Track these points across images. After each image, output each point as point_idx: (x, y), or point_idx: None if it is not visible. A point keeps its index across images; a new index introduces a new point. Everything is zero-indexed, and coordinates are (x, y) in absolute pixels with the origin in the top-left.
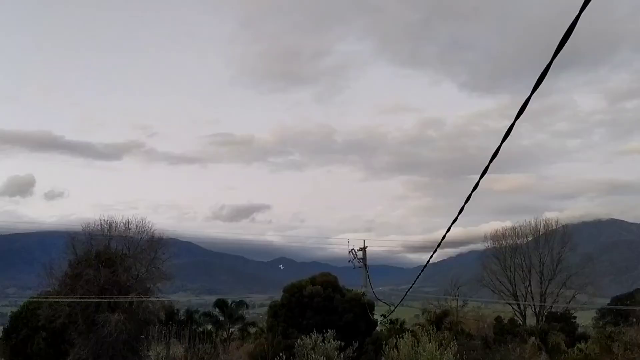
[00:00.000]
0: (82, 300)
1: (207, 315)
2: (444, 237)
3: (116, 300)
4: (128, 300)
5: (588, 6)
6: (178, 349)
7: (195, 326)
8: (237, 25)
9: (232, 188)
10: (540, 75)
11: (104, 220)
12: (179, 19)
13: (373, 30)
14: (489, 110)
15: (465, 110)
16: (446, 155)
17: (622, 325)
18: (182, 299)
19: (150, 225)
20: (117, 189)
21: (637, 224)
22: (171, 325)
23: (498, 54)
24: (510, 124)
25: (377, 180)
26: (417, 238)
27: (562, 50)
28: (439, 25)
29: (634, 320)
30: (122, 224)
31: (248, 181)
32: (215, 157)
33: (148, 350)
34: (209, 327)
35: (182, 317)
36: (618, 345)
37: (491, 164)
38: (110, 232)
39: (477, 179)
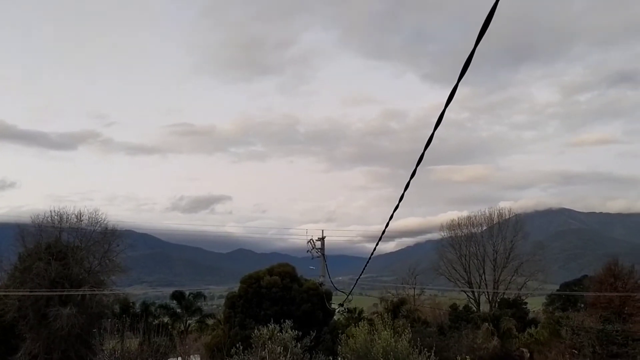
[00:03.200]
0: (32, 293)
1: (164, 307)
2: (387, 224)
3: (68, 293)
4: (80, 293)
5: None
6: (132, 343)
7: (152, 319)
8: (200, 12)
9: (192, 179)
10: (465, 63)
11: (55, 212)
12: (139, 4)
13: (338, 19)
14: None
15: (427, 102)
16: (407, 146)
17: (570, 310)
18: (138, 292)
19: (103, 217)
20: (71, 179)
21: (585, 213)
22: (125, 318)
23: (460, 47)
24: (441, 111)
25: (339, 171)
26: (376, 228)
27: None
28: (404, 16)
29: (582, 305)
30: (73, 216)
31: (209, 172)
32: (175, 148)
33: (101, 345)
34: (166, 319)
35: (138, 310)
36: (566, 330)
37: (449, 155)
38: (61, 224)
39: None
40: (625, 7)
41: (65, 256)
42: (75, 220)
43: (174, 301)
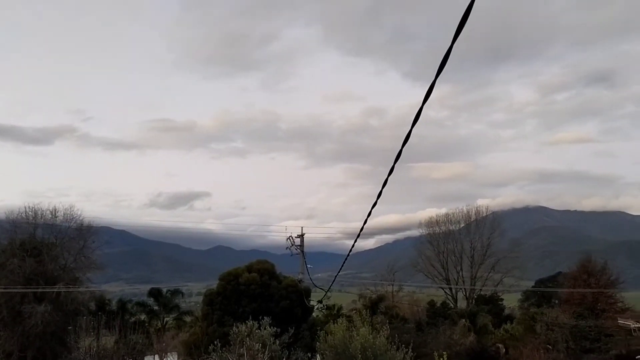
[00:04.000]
0: (6, 290)
1: (141, 305)
2: (365, 221)
3: (42, 290)
4: (55, 290)
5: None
6: (108, 340)
7: (128, 316)
8: (182, 6)
9: (172, 175)
10: (442, 62)
11: (29, 208)
12: None
13: (321, 16)
14: (430, 100)
15: (408, 99)
16: (388, 144)
17: (544, 306)
18: (114, 289)
19: (79, 213)
20: (47, 175)
21: (561, 210)
22: (101, 316)
23: (441, 45)
24: (419, 108)
25: (319, 168)
26: (356, 225)
27: (499, 42)
28: (386, 14)
29: (556, 301)
30: (48, 212)
31: (188, 168)
32: (154, 143)
33: (77, 342)
34: (143, 317)
35: (114, 308)
36: (540, 326)
37: (429, 153)
38: (35, 220)
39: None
40: (602, 8)
41: (40, 253)
42: (50, 216)
43: (151, 298)
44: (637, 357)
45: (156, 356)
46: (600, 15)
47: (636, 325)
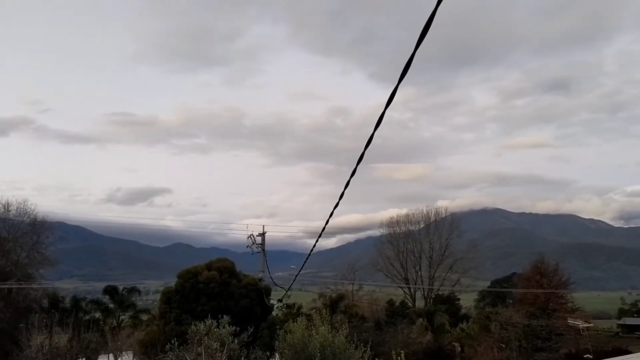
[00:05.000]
0: None
1: (96, 302)
2: (327, 221)
3: None
4: (7, 287)
5: (489, 6)
6: (62, 339)
7: (82, 314)
8: None
9: (131, 170)
10: (405, 65)
11: None
12: None
13: (289, 13)
14: (395, 102)
15: (373, 100)
16: (352, 144)
17: (499, 306)
18: (68, 286)
19: (33, 207)
20: (0, 167)
21: (517, 213)
22: (54, 313)
23: (407, 48)
24: (382, 111)
25: (283, 166)
26: (318, 224)
27: (461, 47)
28: (353, 15)
29: (510, 301)
30: (1, 206)
31: (149, 163)
32: (114, 137)
33: (29, 340)
34: (98, 315)
35: (68, 305)
36: (495, 325)
37: (392, 154)
38: None
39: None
40: (561, 18)
41: None
42: (3, 210)
43: (107, 296)
44: (585, 356)
45: (111, 355)
46: (557, 25)
47: (585, 325)
